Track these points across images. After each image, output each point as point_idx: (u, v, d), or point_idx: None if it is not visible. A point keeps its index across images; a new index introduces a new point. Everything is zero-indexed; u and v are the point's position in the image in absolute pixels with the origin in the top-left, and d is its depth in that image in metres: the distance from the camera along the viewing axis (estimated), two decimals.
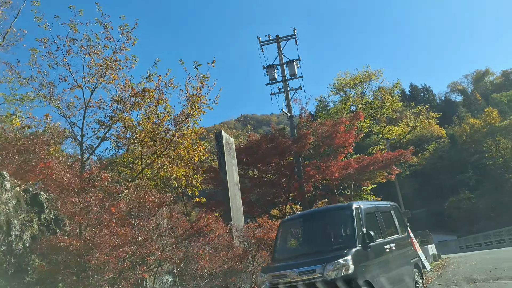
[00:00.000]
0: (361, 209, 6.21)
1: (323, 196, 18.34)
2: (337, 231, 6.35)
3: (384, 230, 6.68)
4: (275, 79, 19.49)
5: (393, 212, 7.33)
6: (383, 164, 16.05)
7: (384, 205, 7.34)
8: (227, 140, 12.76)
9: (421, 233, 19.13)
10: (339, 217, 6.26)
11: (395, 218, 7.28)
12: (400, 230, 7.29)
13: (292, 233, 6.72)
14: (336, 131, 16.66)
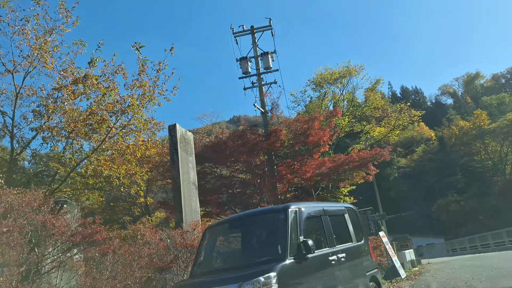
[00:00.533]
0: (300, 212, 5.05)
1: (297, 197, 17.18)
2: (268, 239, 5.20)
3: (332, 238, 5.53)
4: (249, 73, 18.32)
5: (347, 216, 6.21)
6: (359, 163, 14.96)
7: (335, 207, 6.20)
8: (183, 134, 11.55)
9: (401, 237, 18.15)
10: (272, 222, 5.09)
11: (350, 223, 6.16)
12: (355, 237, 6.16)
13: (219, 241, 5.52)
14: (310, 128, 15.56)
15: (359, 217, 6.82)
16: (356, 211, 6.82)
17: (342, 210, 6.26)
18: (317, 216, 5.53)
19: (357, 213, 6.82)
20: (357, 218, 6.71)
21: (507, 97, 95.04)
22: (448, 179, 66.18)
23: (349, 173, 16.43)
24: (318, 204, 5.76)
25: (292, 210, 4.99)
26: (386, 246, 12.67)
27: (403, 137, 77.30)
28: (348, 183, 17.68)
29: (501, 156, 63.88)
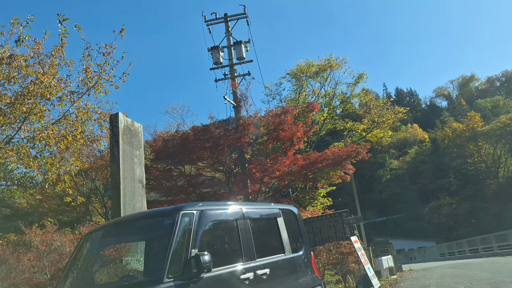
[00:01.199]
0: (199, 216, 3.75)
1: (272, 198, 15.89)
2: (148, 252, 3.93)
3: (250, 249, 4.25)
4: (220, 63, 17.01)
5: (281, 220, 4.91)
6: (333, 161, 13.70)
7: (262, 209, 4.86)
8: (128, 125, 10.19)
9: (381, 242, 16.93)
10: (154, 230, 3.79)
11: (283, 230, 4.86)
12: (290, 247, 4.87)
13: (91, 253, 4.17)
14: (282, 122, 14.30)
15: (300, 221, 5.52)
16: (297, 214, 5.51)
17: (272, 213, 4.96)
18: (229, 221, 4.24)
19: (298, 216, 5.51)
20: (297, 223, 5.42)
21: (502, 100, 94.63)
22: (440, 181, 65.30)
23: (326, 172, 15.17)
24: (236, 205, 4.46)
25: (186, 213, 3.69)
26: (358, 253, 11.43)
27: (396, 138, 76.42)
28: (326, 183, 16.44)
29: (494, 159, 63.06)
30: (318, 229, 14.92)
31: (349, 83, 21.54)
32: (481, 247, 22.80)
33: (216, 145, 13.49)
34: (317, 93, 21.28)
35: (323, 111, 21.52)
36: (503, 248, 20.49)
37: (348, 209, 16.17)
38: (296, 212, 5.52)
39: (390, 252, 16.16)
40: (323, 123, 22.66)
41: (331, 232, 14.70)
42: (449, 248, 30.55)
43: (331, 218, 14.77)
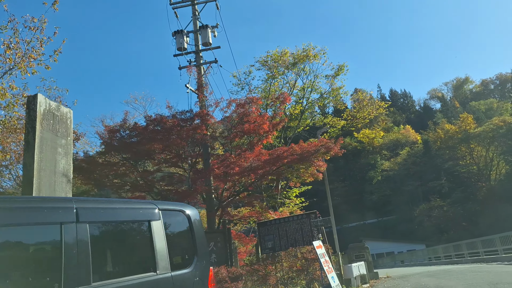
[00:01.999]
0: None
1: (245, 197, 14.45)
2: None
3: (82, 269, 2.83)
4: (184, 49, 15.57)
5: (157, 225, 3.50)
6: (300, 156, 12.34)
7: (121, 208, 3.46)
8: (51, 109, 8.77)
9: (356, 246, 15.61)
10: None
11: (159, 238, 3.45)
12: (167, 263, 3.45)
13: None
14: (246, 113, 12.92)
15: (196, 227, 4.09)
16: (192, 217, 4.06)
17: (143, 215, 3.55)
18: (43, 226, 2.82)
19: (194, 219, 4.06)
20: (191, 228, 3.99)
21: (495, 102, 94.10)
22: (432, 183, 64.32)
23: (296, 170, 13.80)
24: (63, 201, 3.06)
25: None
26: (320, 260, 10.09)
27: (388, 139, 75.41)
28: (298, 181, 15.09)
29: (486, 161, 62.17)
30: (284, 231, 13.56)
31: (328, 76, 20.15)
32: (467, 252, 21.58)
33: (167, 137, 12.05)
34: (292, 84, 19.83)
35: (302, 104, 20.04)
36: (489, 253, 19.29)
37: (325, 211, 14.87)
38: (190, 214, 4.10)
39: (365, 257, 14.83)
40: (300, 118, 21.22)
41: (298, 235, 13.35)
42: (434, 252, 29.35)
43: (298, 219, 13.41)
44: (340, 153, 14.08)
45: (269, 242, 13.43)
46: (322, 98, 20.82)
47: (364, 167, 72.75)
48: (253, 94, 18.67)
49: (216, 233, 13.24)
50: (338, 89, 20.61)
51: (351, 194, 70.80)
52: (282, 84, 19.72)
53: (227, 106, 13.22)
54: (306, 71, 19.88)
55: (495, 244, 18.32)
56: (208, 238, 13.53)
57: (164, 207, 3.82)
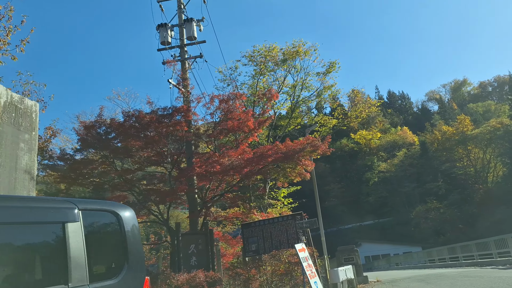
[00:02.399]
0: None
1: (219, 197, 13.88)
2: None
3: None
4: (169, 43, 15.02)
5: (73, 227, 2.89)
6: (284, 155, 11.78)
7: (27, 208, 2.87)
8: (14, 102, 8.23)
9: (345, 249, 15.04)
10: None
11: (76, 243, 2.84)
12: (84, 273, 2.86)
13: None
14: (230, 110, 12.36)
15: (129, 230, 3.50)
16: (124, 219, 3.47)
17: (54, 215, 2.95)
18: None
19: (126, 222, 3.48)
20: (122, 232, 3.41)
21: (493, 104, 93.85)
22: (428, 185, 63.83)
23: (282, 169, 13.24)
24: None
25: None
26: (302, 264, 9.54)
27: (385, 141, 74.95)
28: (285, 181, 14.54)
29: (483, 163, 61.75)
30: (269, 233, 12.99)
31: (319, 73, 19.52)
32: (462, 255, 21.05)
33: (144, 134, 11.47)
34: (281, 81, 19.18)
35: (292, 102, 19.37)
36: (483, 257, 18.77)
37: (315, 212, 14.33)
38: (123, 215, 3.52)
39: (355, 260, 14.28)
40: (290, 117, 20.62)
41: (282, 237, 12.79)
42: (429, 255, 28.81)
43: (283, 221, 12.86)
44: (328, 152, 13.53)
45: (253, 245, 12.88)
46: (314, 96, 20.26)
47: (360, 168, 72.28)
48: (239, 90, 18.12)
49: (197, 234, 12.67)
50: (330, 87, 20.05)
51: (348, 195, 70.29)
52: (271, 81, 19.18)
53: (210, 102, 12.65)
54: (297, 68, 19.33)
55: (490, 247, 17.80)
56: (188, 240, 12.96)
57: (86, 207, 3.24)
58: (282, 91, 19.53)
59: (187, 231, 13.51)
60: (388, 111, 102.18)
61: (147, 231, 28.71)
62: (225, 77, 18.96)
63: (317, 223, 11.77)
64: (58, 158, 12.73)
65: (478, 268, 16.12)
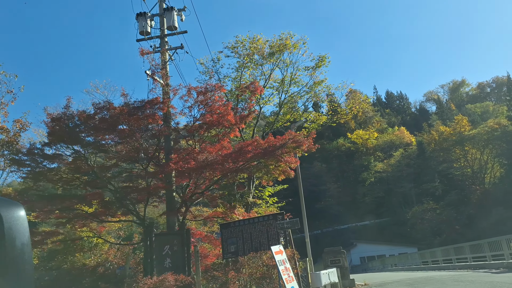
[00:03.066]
0: None
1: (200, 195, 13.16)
2: None
3: None
4: (148, 33, 14.31)
5: None
6: (264, 151, 11.06)
7: None
8: None
9: (332, 251, 14.35)
10: None
11: None
12: None
13: None
14: (207, 102, 11.65)
15: (8, 233, 2.77)
16: (2, 218, 2.78)
17: None
18: None
19: (2, 222, 2.77)
20: None
21: (491, 105, 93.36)
22: (425, 185, 63.24)
23: (264, 166, 12.52)
24: None
25: None
26: (279, 267, 8.85)
27: (382, 141, 74.30)
28: (268, 179, 13.82)
29: (481, 164, 61.16)
30: (249, 234, 12.28)
31: (308, 67, 18.72)
32: (455, 257, 20.41)
33: (114, 127, 10.75)
34: (267, 74, 18.36)
35: (281, 98, 18.62)
36: (477, 259, 18.12)
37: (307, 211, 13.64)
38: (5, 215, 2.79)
39: (341, 262, 13.60)
40: (278, 113, 19.83)
41: (263, 238, 12.09)
42: (423, 257, 28.15)
43: (264, 221, 12.16)
44: (314, 149, 12.84)
45: (232, 246, 12.18)
46: (304, 92, 19.52)
47: (357, 168, 71.68)
48: (222, 83, 17.35)
49: (172, 235, 11.97)
50: (320, 82, 19.29)
51: (344, 195, 69.66)
52: (258, 75, 18.37)
53: (187, 94, 11.92)
54: (286, 63, 18.58)
55: (484, 249, 17.15)
56: (162, 240, 12.25)
57: None
58: (270, 86, 18.77)
59: (161, 231, 12.82)
60: (386, 111, 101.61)
61: (136, 230, 27.96)
62: (207, 69, 18.13)
63: (298, 224, 11.08)
64: (27, 153, 11.98)
65: (470, 272, 15.46)
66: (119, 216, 15.15)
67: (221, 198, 13.76)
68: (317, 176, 70.68)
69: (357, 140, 72.71)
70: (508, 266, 14.68)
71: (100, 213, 13.86)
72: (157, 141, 12.74)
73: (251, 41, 17.24)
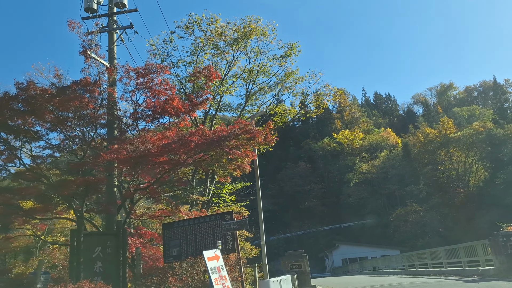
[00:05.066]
0: None
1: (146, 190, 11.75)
2: None
3: None
4: (95, 10, 12.84)
5: None
6: (208, 142, 9.69)
7: None
8: None
9: (293, 254, 13.09)
10: None
11: None
12: None
13: None
14: (148, 86, 10.27)
15: None
16: None
17: None
18: None
19: None
20: None
21: (478, 109, 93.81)
22: (409, 187, 62.68)
23: (216, 159, 11.17)
24: None
25: None
26: (211, 276, 7.55)
27: (367, 141, 73.57)
28: (223, 174, 12.51)
29: (465, 167, 60.83)
30: (193, 236, 10.90)
31: (277, 55, 17.33)
32: (431, 262, 19.38)
33: (37, 113, 9.29)
34: (229, 61, 16.85)
35: (248, 88, 17.17)
36: (452, 265, 17.10)
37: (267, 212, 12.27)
38: None
39: (302, 267, 12.34)
40: (243, 106, 18.44)
41: (208, 240, 10.72)
42: (400, 261, 27.17)
43: (210, 221, 10.79)
44: (273, 142, 11.54)
45: (175, 249, 10.82)
46: (274, 84, 18.16)
47: (342, 169, 70.87)
48: (176, 68, 15.97)
49: (106, 235, 10.55)
50: (291, 73, 17.97)
51: (328, 196, 68.80)
52: (223, 63, 16.88)
53: (125, 74, 10.50)
54: (256, 51, 17.21)
55: (459, 255, 16.12)
56: (92, 241, 10.76)
57: None
58: (233, 75, 17.27)
59: (92, 231, 11.38)
60: (373, 112, 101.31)
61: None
62: (158, 52, 16.56)
63: (247, 225, 9.77)
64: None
65: (443, 279, 14.39)
66: (60, 213, 13.67)
67: (165, 194, 12.33)
68: (302, 176, 69.65)
69: (343, 141, 71.92)
70: (483, 273, 13.64)
71: (40, 209, 12.42)
72: (94, 129, 11.28)
73: (209, 22, 15.81)
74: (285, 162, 71.68)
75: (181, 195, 13.05)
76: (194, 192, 13.38)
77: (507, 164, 53.75)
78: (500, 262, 12.72)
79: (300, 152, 74.33)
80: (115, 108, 11.87)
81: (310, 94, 18.35)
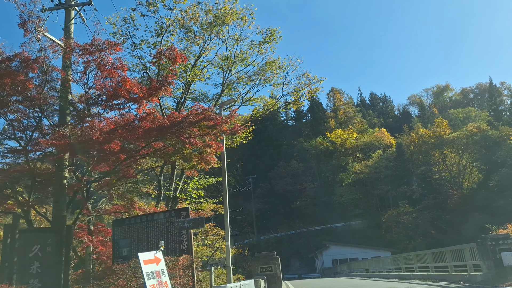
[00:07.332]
0: None
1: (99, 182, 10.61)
2: None
3: None
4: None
5: None
6: (159, 128, 8.58)
7: None
8: None
9: (263, 256, 12.00)
10: None
11: None
12: None
13: None
14: (98, 65, 9.13)
15: None
16: None
17: None
18: None
19: None
20: None
21: (473, 111, 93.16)
22: (402, 188, 61.79)
23: (178, 150, 10.04)
24: None
25: None
26: (146, 282, 6.45)
27: (361, 141, 72.61)
28: (187, 167, 11.37)
29: (459, 169, 60.02)
30: (145, 234, 9.77)
31: (254, 41, 16.17)
32: (417, 265, 18.38)
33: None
34: (201, 45, 15.66)
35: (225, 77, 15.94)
36: (439, 269, 16.09)
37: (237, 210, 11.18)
38: None
39: (273, 270, 11.27)
40: (219, 96, 17.16)
41: (162, 239, 9.61)
42: (390, 262, 26.15)
43: (164, 218, 9.63)
44: (239, 132, 10.49)
45: (125, 249, 9.68)
46: (254, 74, 16.96)
47: (335, 168, 69.89)
48: (138, 49, 14.76)
49: (46, 232, 9.40)
50: (272, 62, 16.81)
51: (321, 195, 67.76)
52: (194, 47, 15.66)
53: (69, 52, 9.30)
54: (235, 38, 16.02)
55: (446, 258, 15.12)
56: (29, 238, 9.54)
57: None
58: (210, 62, 16.00)
59: (29, 227, 10.22)
60: (369, 112, 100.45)
61: None
62: (119, 31, 15.18)
63: (203, 223, 8.66)
64: None
65: (427, 285, 13.39)
66: (10, 207, 12.49)
67: (116, 187, 11.18)
68: (294, 175, 68.58)
69: (336, 140, 70.89)
70: (470, 279, 12.62)
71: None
72: (40, 112, 10.10)
73: (175, 0, 14.51)
74: (277, 160, 70.60)
75: (131, 189, 11.89)
76: (145, 186, 12.25)
77: (501, 166, 52.98)
78: (488, 267, 11.72)
79: (293, 151, 73.25)
80: (68, 91, 10.71)
81: (290, 83, 17.23)
